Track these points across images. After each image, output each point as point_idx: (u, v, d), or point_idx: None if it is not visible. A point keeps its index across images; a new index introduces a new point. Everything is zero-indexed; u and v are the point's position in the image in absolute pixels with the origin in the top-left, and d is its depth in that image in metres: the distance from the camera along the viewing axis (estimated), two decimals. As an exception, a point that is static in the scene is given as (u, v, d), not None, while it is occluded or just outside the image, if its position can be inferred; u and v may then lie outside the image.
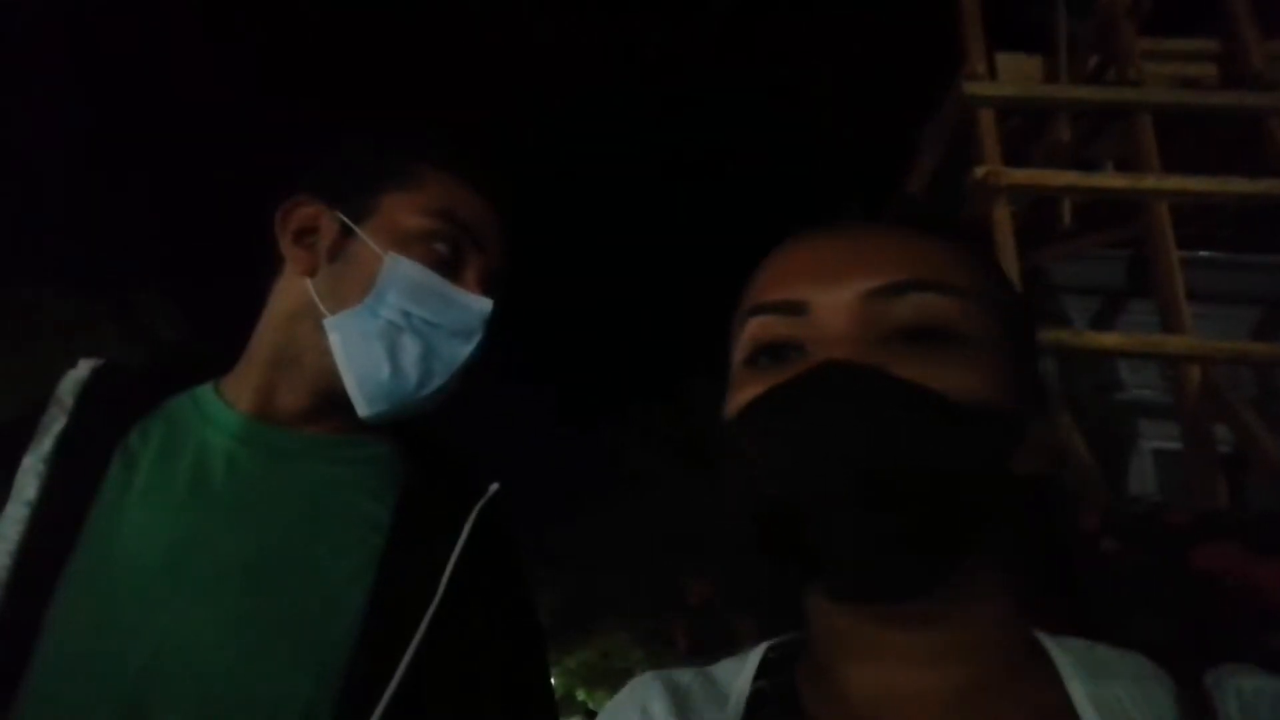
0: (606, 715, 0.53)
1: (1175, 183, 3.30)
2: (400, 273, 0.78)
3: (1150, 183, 3.33)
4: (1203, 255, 4.06)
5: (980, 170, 3.26)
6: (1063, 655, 0.45)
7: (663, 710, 0.50)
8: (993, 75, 3.75)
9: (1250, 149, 3.46)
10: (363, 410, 0.78)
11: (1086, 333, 3.90)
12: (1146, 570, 1.34)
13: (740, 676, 0.51)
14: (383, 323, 0.78)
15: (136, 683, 0.67)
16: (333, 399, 0.79)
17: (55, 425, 0.76)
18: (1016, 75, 3.92)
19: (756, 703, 0.49)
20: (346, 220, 0.80)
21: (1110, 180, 3.67)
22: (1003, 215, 3.24)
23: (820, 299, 0.47)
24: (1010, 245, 3.16)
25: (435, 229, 0.80)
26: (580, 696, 13.84)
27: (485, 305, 0.81)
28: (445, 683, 0.74)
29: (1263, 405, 3.52)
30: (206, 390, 0.82)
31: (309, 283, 0.80)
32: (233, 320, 0.86)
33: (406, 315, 0.78)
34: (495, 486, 0.83)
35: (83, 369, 0.81)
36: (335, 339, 0.78)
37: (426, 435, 0.86)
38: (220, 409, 0.80)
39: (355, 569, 0.74)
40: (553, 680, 0.96)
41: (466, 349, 0.81)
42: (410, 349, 0.78)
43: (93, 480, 0.74)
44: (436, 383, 0.80)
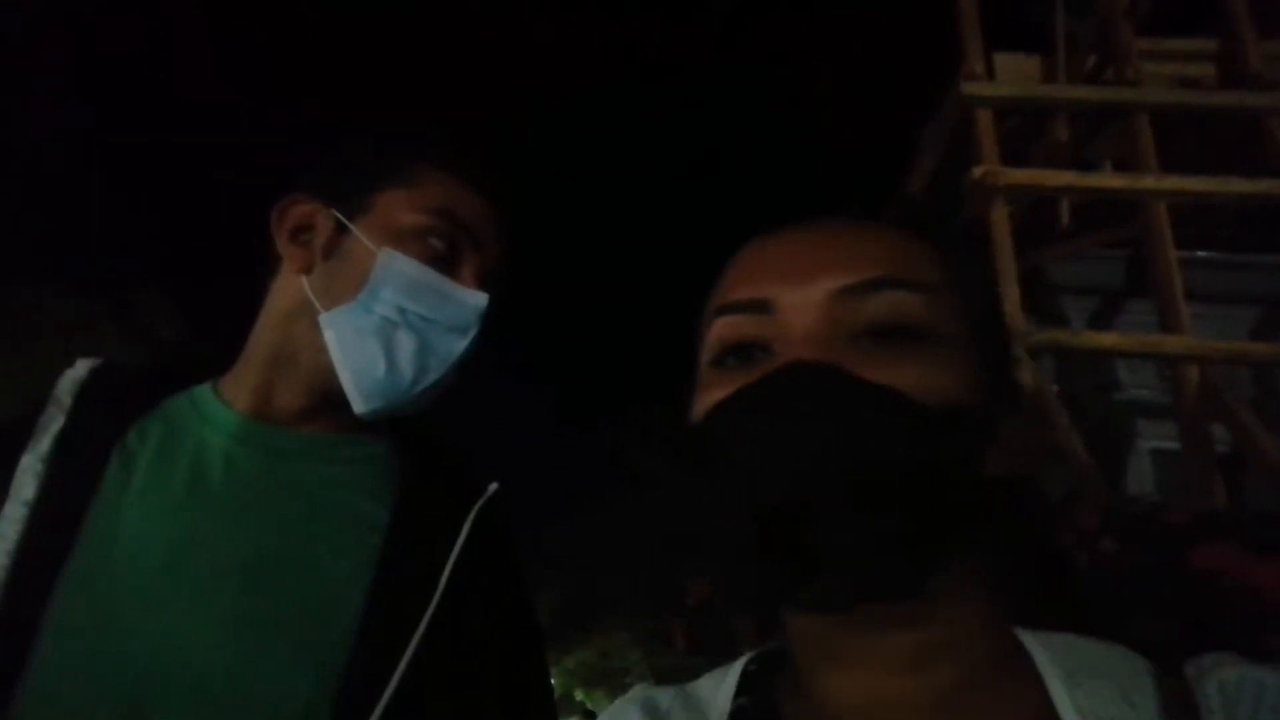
0: None
1: (1174, 183, 3.29)
2: (395, 268, 0.78)
3: (1149, 183, 3.32)
4: (1201, 255, 4.05)
5: (978, 170, 3.25)
6: (1043, 653, 0.44)
7: None
8: (991, 75, 3.75)
9: (1249, 149, 3.46)
10: (358, 407, 0.78)
11: (1085, 333, 3.88)
12: (1145, 570, 1.34)
13: (720, 693, 0.50)
14: (377, 319, 0.77)
15: (135, 683, 0.67)
16: (330, 397, 0.79)
17: (53, 425, 0.76)
18: (1015, 75, 3.92)
19: None
20: (341, 217, 0.80)
21: (1109, 180, 3.66)
22: (1001, 215, 3.23)
23: (787, 298, 0.46)
24: (1008, 245, 3.16)
25: (432, 225, 0.79)
26: (579, 696, 13.81)
27: (481, 300, 0.81)
28: (444, 682, 0.74)
29: (1261, 405, 3.53)
30: (205, 390, 0.82)
31: (305, 281, 0.80)
32: (233, 320, 0.86)
33: (401, 311, 0.78)
34: (494, 486, 0.83)
35: (81, 369, 0.81)
36: (330, 335, 0.77)
37: (424, 434, 0.86)
38: (218, 409, 0.80)
39: (354, 568, 0.74)
40: (552, 680, 0.96)
41: (462, 344, 0.80)
42: (405, 345, 0.78)
43: (91, 480, 0.74)
44: (432, 378, 0.79)
